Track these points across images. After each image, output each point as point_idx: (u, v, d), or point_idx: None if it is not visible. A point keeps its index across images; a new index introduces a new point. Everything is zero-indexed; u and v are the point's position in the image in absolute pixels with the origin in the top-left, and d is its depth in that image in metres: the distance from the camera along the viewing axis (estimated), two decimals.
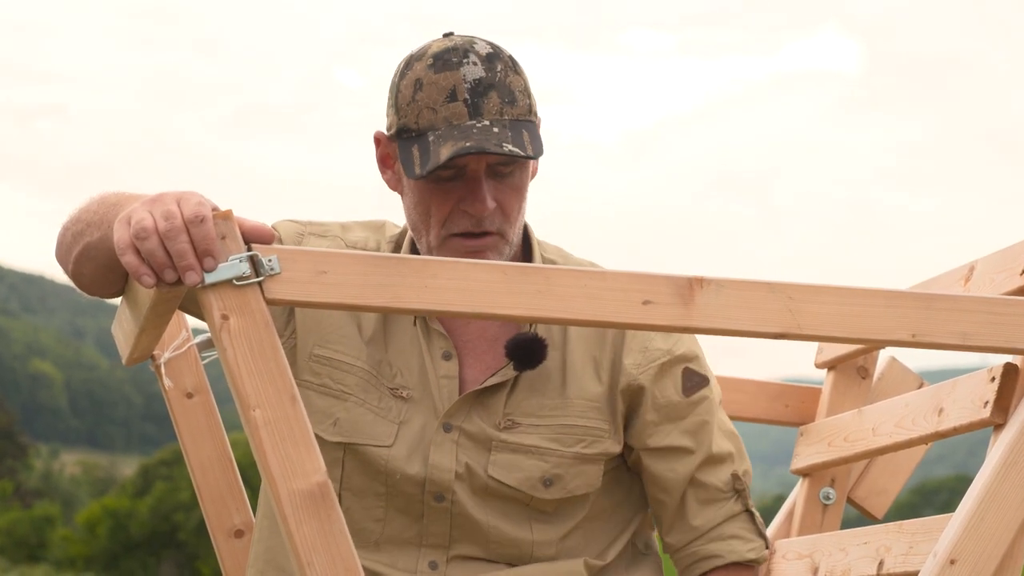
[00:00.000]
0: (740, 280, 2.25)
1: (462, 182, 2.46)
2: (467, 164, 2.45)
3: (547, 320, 2.23)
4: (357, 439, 2.54)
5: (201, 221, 2.11)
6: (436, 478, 2.51)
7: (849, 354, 3.03)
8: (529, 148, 2.45)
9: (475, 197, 2.46)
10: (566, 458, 2.53)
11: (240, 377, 2.12)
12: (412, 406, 2.54)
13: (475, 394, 2.53)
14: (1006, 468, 2.28)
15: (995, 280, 2.53)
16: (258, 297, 2.14)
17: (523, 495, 2.53)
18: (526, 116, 2.47)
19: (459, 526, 2.53)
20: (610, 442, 2.55)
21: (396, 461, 2.52)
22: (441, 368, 2.54)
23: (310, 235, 2.62)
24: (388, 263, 2.18)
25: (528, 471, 2.52)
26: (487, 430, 2.52)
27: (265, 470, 2.12)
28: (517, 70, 2.50)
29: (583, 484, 2.55)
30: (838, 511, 3.02)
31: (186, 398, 2.81)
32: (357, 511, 2.55)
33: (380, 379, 2.55)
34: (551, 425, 2.53)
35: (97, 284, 2.41)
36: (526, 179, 2.52)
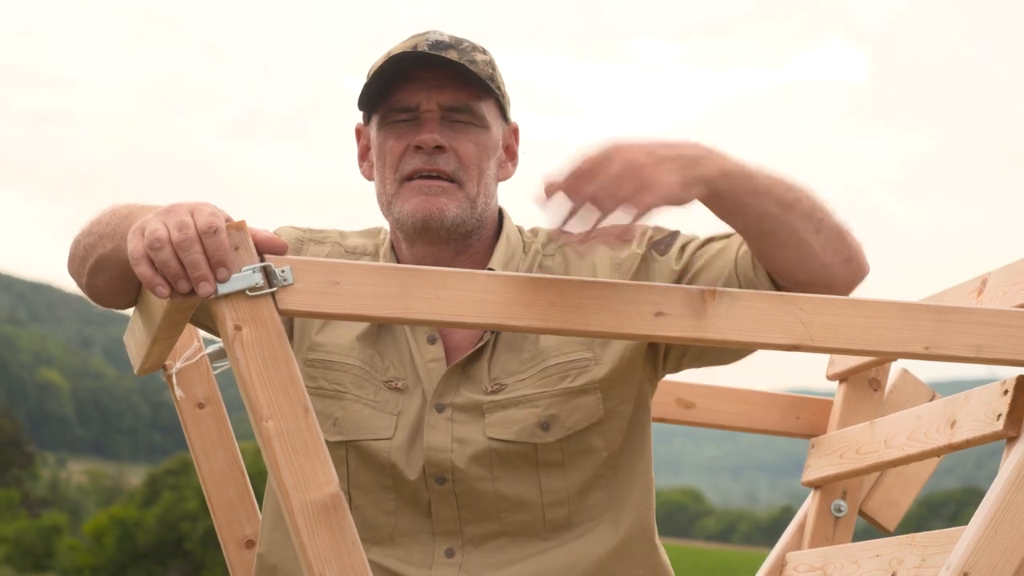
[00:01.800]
0: (752, 292, 2.25)
1: (415, 125, 2.55)
2: (419, 104, 2.53)
3: (559, 332, 2.23)
4: (357, 435, 2.56)
5: (215, 232, 2.12)
6: (434, 459, 2.52)
7: (861, 366, 3.03)
8: (485, 83, 2.54)
9: (423, 129, 2.53)
10: (556, 396, 2.53)
11: (253, 388, 2.12)
12: (407, 395, 2.56)
13: (460, 367, 2.55)
14: (1019, 481, 2.27)
15: (1008, 292, 2.53)
16: (271, 308, 2.14)
17: (525, 446, 2.52)
18: (486, 76, 2.55)
19: (466, 505, 2.53)
20: (597, 368, 2.54)
21: (398, 453, 2.54)
22: (428, 352, 2.56)
23: (309, 241, 2.67)
24: (400, 274, 2.18)
25: (523, 420, 2.52)
26: (476, 398, 2.54)
27: (278, 481, 2.11)
28: (485, 52, 2.60)
29: (582, 418, 2.54)
30: (850, 524, 3.02)
31: (197, 408, 2.81)
32: (367, 507, 2.57)
33: (373, 373, 2.57)
34: (534, 373, 2.54)
35: (111, 295, 2.42)
36: (486, 140, 2.57)
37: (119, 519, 48.53)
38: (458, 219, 2.54)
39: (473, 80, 2.53)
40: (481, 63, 2.56)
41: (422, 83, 2.54)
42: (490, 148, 2.58)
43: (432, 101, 2.54)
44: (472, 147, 2.55)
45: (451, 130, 2.55)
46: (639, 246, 2.58)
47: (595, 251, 2.58)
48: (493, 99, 2.58)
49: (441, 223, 2.53)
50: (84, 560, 48.06)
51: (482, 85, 2.55)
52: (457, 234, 2.55)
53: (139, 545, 47.91)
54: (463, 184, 2.54)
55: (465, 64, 2.53)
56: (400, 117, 2.55)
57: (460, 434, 2.53)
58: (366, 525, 2.57)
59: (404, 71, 2.54)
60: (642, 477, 2.60)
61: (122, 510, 49.60)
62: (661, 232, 2.60)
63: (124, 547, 47.94)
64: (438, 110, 2.54)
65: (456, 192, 2.54)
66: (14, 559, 47.80)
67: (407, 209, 2.53)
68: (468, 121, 2.56)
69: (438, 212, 2.52)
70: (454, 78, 2.54)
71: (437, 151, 2.53)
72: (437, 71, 2.54)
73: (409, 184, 2.54)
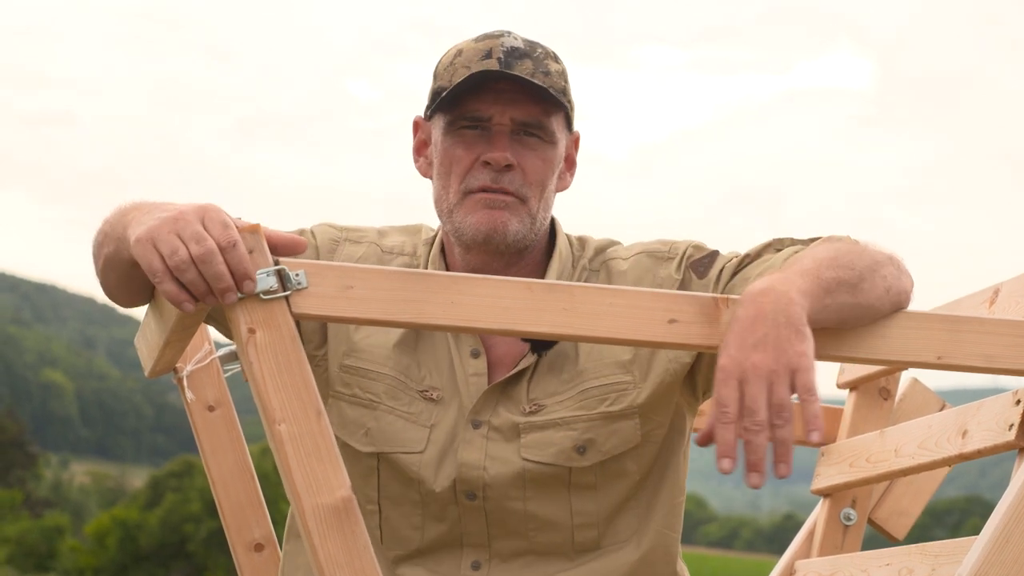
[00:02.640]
0: None
1: (486, 137, 2.51)
2: (492, 117, 2.50)
3: (573, 338, 2.23)
4: (388, 448, 2.54)
5: (234, 246, 2.11)
6: (466, 476, 2.51)
7: (871, 375, 3.02)
8: (558, 98, 2.49)
9: (494, 146, 2.50)
10: (594, 421, 2.52)
11: (266, 391, 2.12)
12: (442, 407, 2.54)
13: (500, 386, 2.54)
14: None
15: (1021, 303, 2.53)
16: (285, 311, 2.14)
17: (560, 469, 2.51)
18: (559, 90, 2.51)
19: (495, 522, 2.53)
20: (636, 392, 2.53)
21: (427, 467, 2.53)
22: (470, 366, 2.55)
23: (346, 241, 2.64)
24: (415, 279, 2.18)
25: (560, 443, 2.51)
26: (514, 418, 2.52)
27: (290, 485, 2.11)
28: (558, 60, 2.56)
29: (619, 443, 2.53)
30: (859, 532, 3.02)
31: (208, 411, 2.82)
32: (396, 519, 2.56)
33: (409, 383, 2.55)
34: (573, 395, 2.53)
35: (123, 294, 2.41)
36: (553, 156, 2.54)
37: (121, 520, 48.52)
38: (519, 234, 2.51)
39: (547, 95, 2.49)
40: (555, 74, 2.52)
41: (497, 95, 2.49)
42: (555, 163, 2.55)
43: (505, 115, 2.50)
44: (539, 164, 2.52)
45: (520, 145, 2.51)
46: (678, 270, 2.56)
47: (637, 270, 2.57)
48: (563, 112, 2.55)
49: (504, 238, 2.50)
50: (86, 561, 48.05)
51: (555, 101, 2.51)
52: (516, 248, 2.54)
53: (141, 547, 47.89)
54: (526, 200, 2.52)
55: (540, 78, 2.49)
56: (470, 125, 2.51)
57: (495, 452, 2.51)
58: (395, 537, 2.56)
59: (479, 82, 2.49)
60: (671, 499, 2.59)
61: (124, 512, 49.59)
62: (700, 251, 2.57)
63: (126, 548, 47.93)
64: (510, 124, 2.50)
65: (519, 208, 2.51)
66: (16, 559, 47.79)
67: (470, 222, 2.50)
68: (538, 136, 2.52)
69: (501, 227, 2.49)
70: (528, 91, 2.49)
71: (505, 169, 2.50)
72: (511, 83, 2.49)
73: (473, 197, 2.51)
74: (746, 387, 2.11)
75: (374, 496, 2.56)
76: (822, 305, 2.21)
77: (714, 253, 2.57)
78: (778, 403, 2.11)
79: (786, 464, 2.12)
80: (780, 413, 2.11)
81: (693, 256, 2.57)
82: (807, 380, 2.13)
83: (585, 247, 2.64)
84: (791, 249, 2.46)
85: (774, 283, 2.19)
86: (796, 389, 2.13)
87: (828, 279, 2.23)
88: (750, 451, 2.10)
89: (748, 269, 2.50)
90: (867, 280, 2.26)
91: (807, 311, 2.18)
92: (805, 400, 2.12)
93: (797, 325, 2.15)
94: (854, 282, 2.25)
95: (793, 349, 2.13)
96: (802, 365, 2.13)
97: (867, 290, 2.25)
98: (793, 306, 2.16)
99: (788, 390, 2.12)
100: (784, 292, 2.17)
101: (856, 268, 2.26)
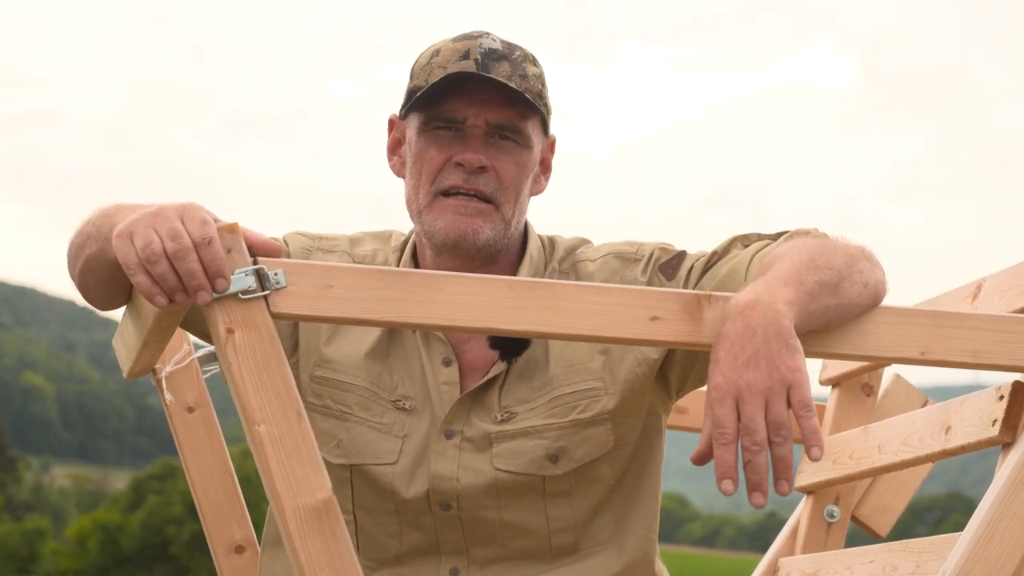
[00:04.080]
0: None
1: (459, 139, 2.49)
2: (466, 119, 2.48)
3: (554, 336, 2.22)
4: (360, 459, 2.52)
5: (209, 243, 2.09)
6: (439, 487, 2.50)
7: (854, 371, 3.02)
8: (535, 102, 2.47)
9: (467, 147, 2.48)
10: (565, 429, 2.50)
11: (245, 392, 2.10)
12: (415, 417, 2.53)
13: (472, 395, 2.52)
14: (1015, 487, 2.26)
15: (1004, 298, 2.52)
16: (263, 311, 2.12)
17: (533, 478, 2.50)
18: (535, 94, 2.50)
19: (471, 530, 2.51)
20: (607, 398, 2.51)
21: (400, 479, 2.51)
22: (442, 375, 2.53)
23: (318, 251, 2.62)
24: (394, 277, 2.16)
25: (532, 452, 2.49)
26: (486, 427, 2.50)
27: (270, 486, 2.09)
28: (536, 63, 2.54)
29: (592, 449, 2.51)
30: (842, 529, 3.01)
31: (187, 412, 2.80)
32: (372, 528, 2.55)
33: (381, 393, 2.53)
34: (544, 403, 2.51)
35: (101, 296, 2.39)
36: (527, 160, 2.52)
37: (102, 523, 48.40)
38: (491, 240, 2.49)
39: (522, 99, 2.48)
40: (532, 77, 2.50)
41: (471, 97, 2.48)
42: (530, 167, 2.53)
43: (480, 117, 2.48)
44: (513, 168, 2.50)
45: (494, 148, 2.49)
46: (643, 272, 2.54)
47: (604, 271, 2.55)
48: (539, 116, 2.53)
49: (474, 244, 2.48)
50: (67, 564, 47.93)
51: (531, 105, 2.49)
52: (487, 253, 2.51)
53: (123, 549, 47.77)
54: (500, 206, 2.49)
55: (517, 81, 2.47)
56: (444, 126, 2.49)
57: (467, 463, 2.50)
58: (372, 545, 2.55)
59: (455, 83, 2.47)
60: (648, 500, 2.58)
61: (105, 514, 49.46)
62: (668, 253, 2.55)
63: (107, 551, 47.82)
64: (484, 126, 2.48)
65: (492, 214, 2.49)
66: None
67: (439, 225, 2.48)
68: (513, 140, 2.50)
69: (472, 234, 2.48)
70: (504, 94, 2.47)
71: (479, 171, 2.48)
72: (487, 85, 2.47)
73: (444, 200, 2.48)
74: (743, 406, 2.09)
75: (348, 507, 2.54)
76: (807, 312, 2.19)
77: (681, 253, 2.55)
78: (776, 421, 2.09)
79: (787, 481, 2.10)
80: (779, 431, 2.09)
81: (661, 258, 2.55)
82: (803, 396, 2.11)
83: (555, 248, 2.62)
84: (758, 244, 2.44)
85: (760, 295, 2.16)
86: (792, 405, 2.10)
87: (811, 284, 2.21)
88: (751, 471, 2.08)
89: (716, 267, 2.49)
90: (846, 278, 2.24)
91: (795, 321, 2.16)
92: (802, 416, 2.10)
93: (787, 339, 2.13)
94: (835, 282, 2.23)
95: (786, 365, 2.11)
96: (797, 381, 2.11)
97: (847, 288, 2.24)
98: (782, 319, 2.14)
99: (785, 407, 2.10)
100: (771, 304, 2.15)
101: (834, 267, 2.25)
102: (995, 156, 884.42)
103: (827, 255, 2.27)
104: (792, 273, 2.22)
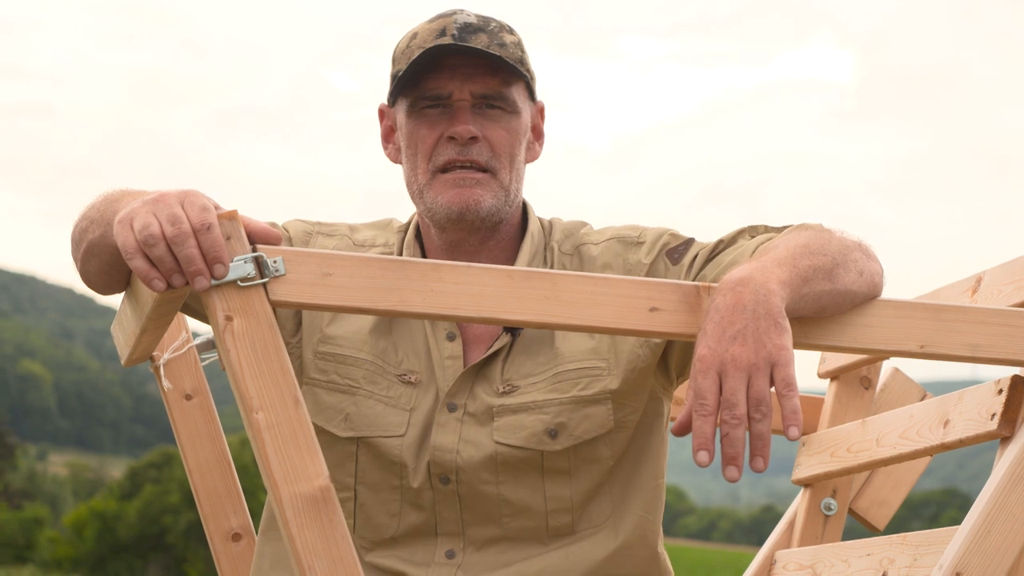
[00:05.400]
0: None
1: (448, 114, 2.53)
2: (451, 93, 2.52)
3: (554, 326, 2.22)
4: (369, 432, 2.54)
5: (208, 229, 2.09)
6: (439, 459, 2.51)
7: (852, 364, 3.01)
8: (516, 67, 2.51)
9: (456, 120, 2.52)
10: (566, 404, 2.52)
11: (243, 379, 2.10)
12: (421, 390, 2.55)
13: (475, 368, 2.54)
14: (1013, 481, 2.26)
15: (1003, 291, 2.52)
16: (262, 298, 2.12)
17: (532, 452, 2.51)
18: (516, 60, 2.54)
19: (469, 508, 2.52)
20: (609, 378, 2.53)
21: (408, 450, 2.52)
22: (446, 349, 2.55)
23: (318, 234, 2.65)
24: (394, 266, 2.16)
25: (531, 427, 2.51)
26: (488, 399, 2.52)
27: (267, 473, 2.09)
28: (512, 32, 2.58)
29: (591, 427, 2.53)
30: (839, 522, 3.01)
31: (185, 400, 2.80)
32: (372, 506, 2.55)
33: (387, 367, 2.55)
34: (547, 377, 2.53)
35: (103, 282, 2.40)
36: (517, 126, 2.56)
37: (100, 512, 48.41)
38: (493, 208, 2.54)
39: (504, 66, 2.52)
40: (510, 45, 2.55)
41: (453, 71, 2.52)
42: (521, 133, 2.57)
43: (464, 90, 2.52)
44: (504, 135, 2.54)
45: (483, 118, 2.54)
46: (647, 255, 2.56)
47: (607, 255, 2.57)
48: (523, 82, 2.57)
49: (477, 214, 2.52)
50: (64, 552, 47.95)
51: (513, 70, 2.53)
52: (491, 223, 2.55)
53: (120, 538, 47.79)
54: (496, 173, 2.54)
55: (495, 50, 2.51)
56: (431, 104, 2.53)
57: (468, 436, 2.51)
58: (370, 525, 2.55)
59: (434, 58, 2.52)
60: (648, 484, 2.59)
61: (103, 503, 49.48)
62: (676, 239, 2.58)
63: (104, 540, 47.83)
64: (470, 99, 2.53)
65: (490, 182, 2.53)
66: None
67: (441, 201, 2.52)
68: (500, 108, 2.54)
69: (474, 204, 2.52)
70: (485, 65, 2.52)
71: (471, 142, 2.52)
72: (468, 58, 2.51)
73: (443, 176, 2.53)
74: (725, 379, 2.10)
75: (350, 483, 2.55)
76: (800, 295, 2.20)
77: (689, 240, 2.58)
78: (757, 396, 2.10)
79: (763, 458, 2.11)
80: (758, 407, 2.10)
81: (669, 243, 2.57)
82: (786, 374, 2.12)
83: (554, 229, 2.65)
84: (764, 236, 2.46)
85: (753, 272, 2.17)
86: (775, 383, 2.12)
87: (804, 267, 2.22)
88: (728, 444, 2.09)
89: (721, 256, 2.51)
90: (840, 265, 2.25)
91: (786, 302, 2.17)
92: (784, 395, 2.11)
93: (776, 317, 2.14)
94: (829, 268, 2.24)
95: (772, 342, 2.12)
96: (781, 359, 2.12)
97: (842, 275, 2.24)
98: (772, 297, 2.15)
99: (767, 384, 2.11)
100: (763, 283, 2.16)
101: (828, 253, 2.26)
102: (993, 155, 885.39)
103: (822, 242, 2.28)
104: (786, 256, 2.23)
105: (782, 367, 2.12)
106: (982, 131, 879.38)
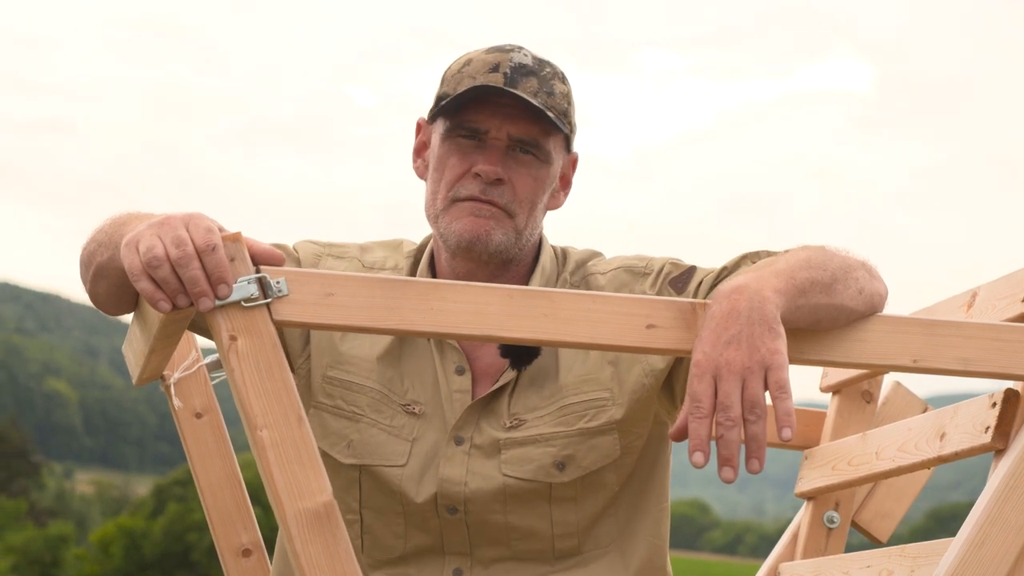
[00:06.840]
0: None
1: (481, 149, 2.54)
2: (488, 130, 2.52)
3: (552, 343, 2.25)
4: (370, 460, 2.57)
5: (213, 250, 2.13)
6: (447, 491, 2.54)
7: (854, 378, 3.04)
8: (557, 121, 2.52)
9: (487, 159, 2.52)
10: (572, 437, 2.54)
11: (247, 397, 2.14)
12: (424, 422, 2.57)
13: (482, 402, 2.56)
14: (1007, 493, 2.29)
15: (997, 306, 2.55)
16: (266, 319, 2.16)
17: (540, 484, 2.54)
18: (560, 112, 2.54)
19: (477, 533, 2.55)
20: (614, 408, 2.55)
21: (409, 481, 2.55)
22: (455, 383, 2.57)
23: (328, 256, 2.67)
24: (395, 286, 2.20)
25: (539, 460, 2.53)
26: (495, 434, 2.55)
27: (272, 490, 2.13)
28: (565, 81, 2.59)
29: (598, 458, 2.55)
30: (842, 535, 3.04)
31: (195, 418, 2.84)
32: (378, 528, 2.59)
33: (392, 397, 2.58)
34: (552, 411, 2.55)
35: (112, 303, 2.44)
36: (545, 175, 2.56)
37: (126, 529, 48.52)
38: (502, 246, 2.54)
39: (546, 117, 2.52)
40: (559, 95, 2.55)
41: (495, 109, 2.52)
42: (547, 183, 2.58)
43: (502, 131, 2.53)
44: (530, 182, 2.55)
45: (513, 161, 2.54)
46: (652, 286, 2.58)
47: (614, 284, 2.60)
48: (562, 134, 2.57)
49: (485, 247, 2.53)
50: (91, 570, 48.04)
51: (554, 123, 2.53)
52: (499, 259, 2.56)
53: (145, 555, 47.88)
54: (514, 216, 2.54)
55: (543, 98, 2.52)
56: (467, 135, 2.54)
57: (476, 468, 2.54)
58: (378, 546, 2.59)
59: (480, 95, 2.52)
60: (654, 507, 2.62)
61: (129, 520, 49.59)
62: (678, 268, 2.60)
63: (131, 557, 47.92)
64: (506, 140, 2.53)
65: (505, 221, 2.54)
66: (21, 568, 47.79)
67: (455, 228, 2.53)
68: (533, 154, 2.55)
69: (484, 235, 2.52)
70: (528, 109, 2.52)
71: (496, 182, 2.52)
72: (513, 99, 2.51)
73: (460, 204, 2.54)
74: (720, 383, 2.14)
75: (355, 506, 2.59)
76: (796, 305, 2.23)
77: (691, 269, 2.60)
78: (751, 399, 2.14)
79: (758, 460, 2.14)
80: (753, 409, 2.14)
81: (672, 273, 2.59)
82: (780, 377, 2.15)
83: (568, 260, 2.67)
84: (767, 260, 2.49)
85: (748, 281, 2.21)
86: (769, 386, 2.15)
87: (802, 279, 2.25)
88: (723, 446, 2.13)
89: (725, 283, 2.52)
90: (840, 281, 2.28)
91: (781, 309, 2.20)
92: (777, 397, 2.15)
93: (770, 323, 2.17)
94: (827, 282, 2.27)
95: (766, 346, 2.16)
96: (775, 362, 2.15)
97: (840, 291, 2.28)
98: (767, 304, 2.19)
99: (761, 387, 2.15)
100: (758, 290, 2.20)
101: (828, 269, 2.29)
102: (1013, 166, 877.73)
103: (823, 259, 2.32)
104: (785, 269, 2.27)
105: (776, 370, 2.15)
106: (1001, 140, 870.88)
